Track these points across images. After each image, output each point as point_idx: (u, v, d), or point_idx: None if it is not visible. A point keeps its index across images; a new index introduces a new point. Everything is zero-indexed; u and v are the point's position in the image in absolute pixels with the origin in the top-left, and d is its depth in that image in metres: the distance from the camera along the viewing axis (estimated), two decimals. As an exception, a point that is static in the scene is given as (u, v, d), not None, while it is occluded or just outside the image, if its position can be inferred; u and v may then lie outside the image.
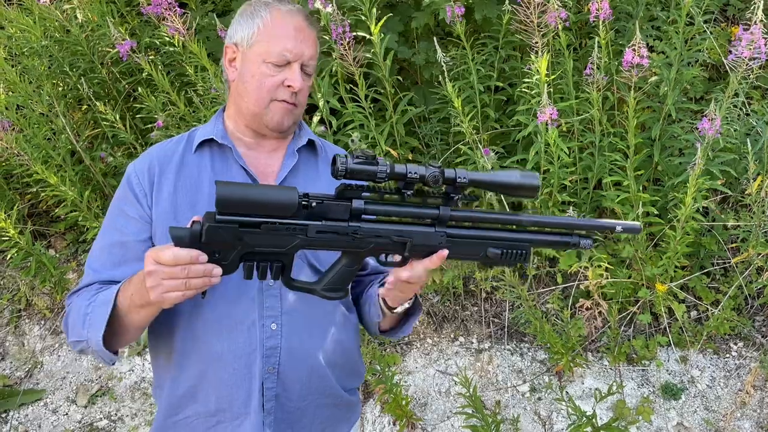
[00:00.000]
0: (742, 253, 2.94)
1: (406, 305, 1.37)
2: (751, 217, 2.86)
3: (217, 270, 1.10)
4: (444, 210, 1.19)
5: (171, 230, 1.08)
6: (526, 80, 2.62)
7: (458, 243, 1.22)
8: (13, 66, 3.52)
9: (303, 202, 1.14)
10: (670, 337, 3.00)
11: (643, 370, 3.01)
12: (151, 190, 1.38)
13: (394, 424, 2.95)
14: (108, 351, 1.25)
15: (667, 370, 2.99)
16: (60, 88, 3.60)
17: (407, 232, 1.20)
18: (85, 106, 3.71)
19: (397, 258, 1.25)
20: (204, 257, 1.09)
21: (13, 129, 3.30)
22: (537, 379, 3.05)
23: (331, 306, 1.44)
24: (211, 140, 1.43)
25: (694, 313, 3.18)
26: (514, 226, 1.26)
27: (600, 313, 2.93)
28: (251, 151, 1.46)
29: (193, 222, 1.11)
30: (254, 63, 1.39)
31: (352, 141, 2.63)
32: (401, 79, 3.16)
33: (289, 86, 1.38)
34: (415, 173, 1.13)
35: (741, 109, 2.86)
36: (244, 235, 1.11)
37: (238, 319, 1.34)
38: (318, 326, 1.42)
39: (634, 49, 2.33)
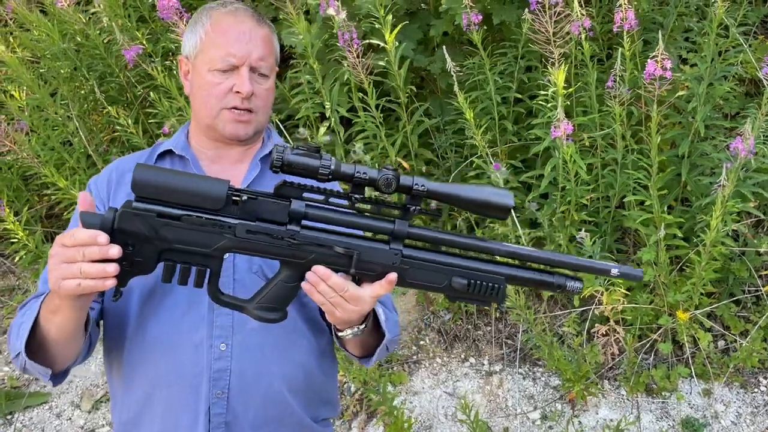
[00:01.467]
0: (775, 282, 2.74)
1: (355, 330, 1.22)
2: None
3: (114, 250, 0.95)
4: (400, 224, 1.04)
5: (82, 216, 0.98)
6: (543, 92, 2.48)
7: (416, 266, 1.06)
8: (35, 69, 3.55)
9: (233, 197, 1.01)
10: (692, 368, 2.81)
11: (662, 402, 2.82)
12: (108, 198, 1.33)
13: (396, 448, 2.84)
14: (38, 364, 1.17)
15: (689, 404, 2.81)
16: (80, 92, 3.62)
17: (354, 244, 1.05)
18: (105, 110, 3.72)
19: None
20: (104, 238, 0.95)
21: (32, 131, 3.33)
22: (549, 407, 2.90)
23: (291, 326, 1.30)
24: (172, 152, 1.38)
25: (721, 343, 2.98)
26: (485, 256, 1.10)
27: (618, 339, 2.77)
28: (214, 164, 1.39)
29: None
30: (201, 73, 1.32)
31: (355, 152, 2.54)
32: (416, 89, 3.06)
33: (237, 92, 1.30)
34: (364, 174, 0.99)
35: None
36: (161, 228, 0.98)
37: (185, 338, 1.26)
38: (275, 348, 1.31)
39: (656, 61, 2.18)
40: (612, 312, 2.62)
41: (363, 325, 1.23)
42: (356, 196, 1.02)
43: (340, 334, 1.24)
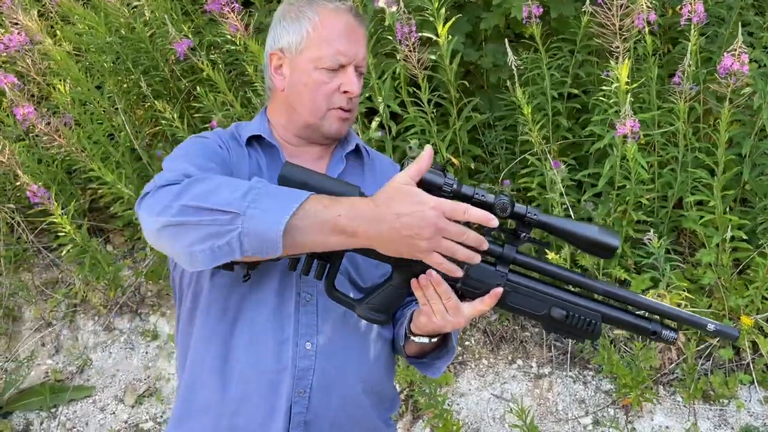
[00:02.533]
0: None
1: (425, 340, 1.23)
2: None
3: (485, 245, 1.02)
4: (509, 248, 1.09)
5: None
6: (604, 88, 2.40)
7: (519, 291, 1.11)
8: (78, 62, 3.54)
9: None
10: (753, 374, 2.71)
11: (721, 409, 2.73)
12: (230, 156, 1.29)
13: (443, 450, 2.78)
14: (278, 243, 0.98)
15: (749, 412, 2.71)
16: (124, 86, 3.60)
17: (473, 268, 1.09)
18: (148, 104, 3.71)
19: None
20: (495, 222, 1.00)
21: (77, 125, 3.32)
22: (601, 412, 2.82)
23: (368, 326, 1.31)
24: (260, 137, 1.34)
25: (782, 349, 2.88)
26: (582, 291, 1.13)
27: (676, 344, 2.67)
28: (295, 158, 1.34)
29: None
30: (306, 71, 1.28)
31: (410, 148, 2.48)
32: (467, 83, 2.98)
33: (345, 92, 1.27)
34: (483, 197, 1.03)
35: None
36: None
37: (269, 335, 1.22)
38: (356, 349, 1.29)
39: (733, 54, 2.08)
40: (672, 316, 2.52)
41: (437, 338, 1.26)
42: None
43: (414, 338, 1.25)
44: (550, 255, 2.57)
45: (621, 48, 2.24)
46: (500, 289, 1.09)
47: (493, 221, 0.98)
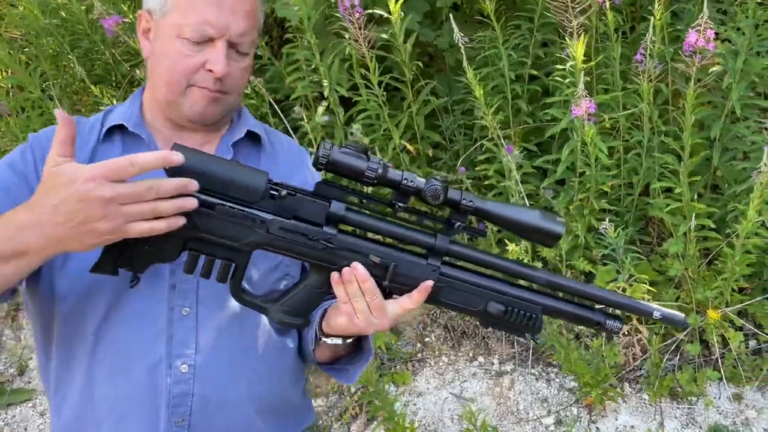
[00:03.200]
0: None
1: (339, 341, 1.08)
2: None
3: (193, 185, 0.87)
4: (441, 239, 0.99)
5: None
6: (558, 67, 2.23)
7: (453, 286, 1.01)
8: (19, 47, 3.35)
9: (271, 191, 0.96)
10: (722, 370, 2.57)
11: (689, 407, 2.59)
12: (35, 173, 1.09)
13: (397, 454, 2.63)
14: None
15: (718, 410, 2.57)
16: (67, 71, 3.40)
17: (392, 255, 0.99)
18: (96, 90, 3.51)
19: None
20: (177, 156, 0.86)
21: (13, 114, 3.13)
22: (564, 411, 2.68)
23: (265, 337, 1.13)
24: (123, 127, 1.14)
25: (752, 343, 2.74)
26: (524, 283, 1.05)
27: (640, 339, 2.53)
28: None
29: None
30: (167, 38, 1.08)
31: (352, 134, 2.31)
32: (423, 66, 2.81)
33: (210, 70, 1.07)
34: (412, 182, 0.94)
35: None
36: (193, 215, 0.91)
37: (139, 357, 1.05)
38: (247, 366, 1.12)
39: (698, 30, 1.92)
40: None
41: (351, 339, 1.11)
42: (400, 204, 0.96)
43: (326, 339, 1.10)
44: (510, 246, 2.41)
45: (574, 24, 2.08)
46: (430, 283, 0.99)
47: (175, 156, 0.84)
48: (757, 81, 2.77)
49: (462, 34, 2.19)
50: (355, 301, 0.98)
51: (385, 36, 2.62)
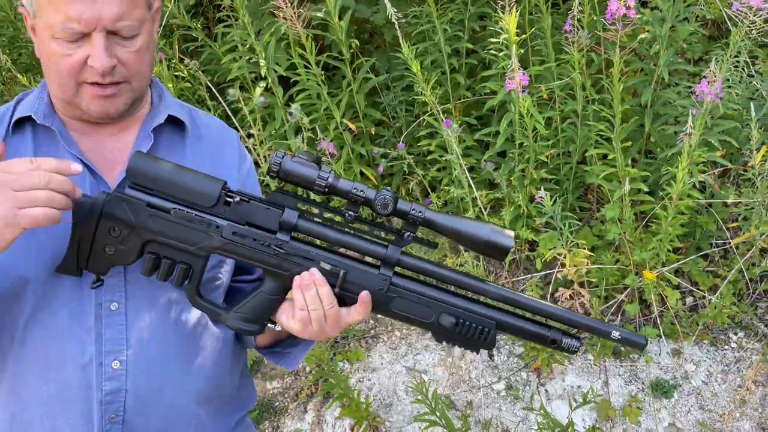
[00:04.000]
0: (744, 233, 2.61)
1: (279, 327, 1.08)
2: (754, 193, 2.53)
3: (76, 167, 0.92)
4: (393, 249, 1.00)
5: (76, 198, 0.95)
6: (493, 40, 2.26)
7: (404, 296, 1.02)
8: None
9: (226, 197, 1.00)
10: (661, 328, 2.69)
11: (631, 365, 2.70)
12: None
13: (353, 429, 2.66)
14: None
15: (658, 365, 2.69)
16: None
17: (343, 263, 1.01)
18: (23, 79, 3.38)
19: None
20: (77, 167, 0.92)
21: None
22: (514, 376, 2.75)
23: (200, 328, 1.12)
24: (32, 119, 1.08)
25: (689, 300, 2.87)
26: (478, 297, 1.04)
27: (582, 302, 2.62)
28: (88, 135, 1.11)
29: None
30: (44, 39, 1.01)
31: (290, 114, 2.29)
32: (362, 44, 2.80)
33: (93, 67, 1.00)
34: (361, 192, 0.96)
35: (743, 69, 2.51)
36: (149, 218, 0.97)
37: (69, 356, 1.03)
38: (180, 357, 1.10)
39: (619, -1, 1.97)
40: (576, 275, 2.46)
41: None
42: (351, 213, 0.98)
43: (271, 326, 1.09)
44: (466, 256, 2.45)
45: (507, -5, 2.10)
46: (368, 294, 1.00)
47: (73, 166, 0.90)
48: (686, 47, 2.86)
49: (395, 10, 2.19)
50: (313, 309, 0.99)
51: (320, 14, 2.61)
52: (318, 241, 1.03)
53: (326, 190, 0.95)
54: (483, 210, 2.65)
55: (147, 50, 1.07)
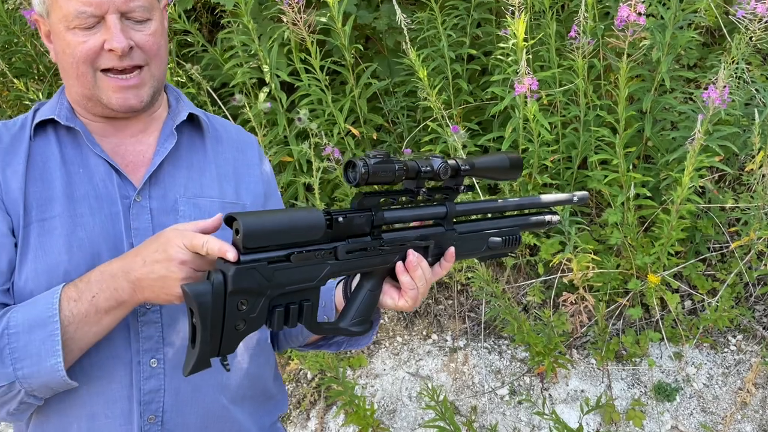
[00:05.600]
0: (743, 238, 2.65)
1: None
2: (752, 197, 2.57)
3: (231, 254, 0.87)
4: (450, 206, 1.10)
5: (183, 288, 0.84)
6: (502, 45, 2.27)
7: (465, 239, 1.14)
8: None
9: (327, 221, 0.97)
10: (663, 332, 2.71)
11: (633, 368, 2.72)
12: None
13: (358, 436, 2.65)
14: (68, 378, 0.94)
15: (660, 368, 2.71)
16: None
17: (427, 234, 1.09)
18: (14, 84, 3.32)
19: None
20: (233, 254, 0.86)
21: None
22: (517, 381, 2.76)
23: None
24: (55, 122, 1.08)
25: (688, 303, 2.90)
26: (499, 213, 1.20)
27: (586, 306, 2.63)
28: (109, 137, 1.12)
29: (209, 271, 0.88)
30: (60, 35, 1.04)
31: (299, 119, 2.28)
32: (363, 48, 2.80)
33: (110, 50, 1.02)
34: (428, 168, 1.03)
35: (742, 75, 2.55)
36: (274, 274, 0.90)
37: (105, 355, 1.02)
38: None
39: (630, 5, 1.99)
40: (581, 279, 2.47)
41: None
42: (422, 189, 1.04)
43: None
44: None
45: (516, 2, 2.11)
46: (453, 249, 1.09)
47: (230, 253, 0.85)
48: (682, 53, 2.90)
49: (405, 16, 2.19)
50: (421, 285, 1.03)
51: (323, 19, 2.60)
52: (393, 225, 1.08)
53: (404, 177, 1.00)
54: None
55: (162, 36, 1.10)
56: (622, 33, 2.10)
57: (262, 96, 2.48)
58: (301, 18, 2.41)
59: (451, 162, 1.06)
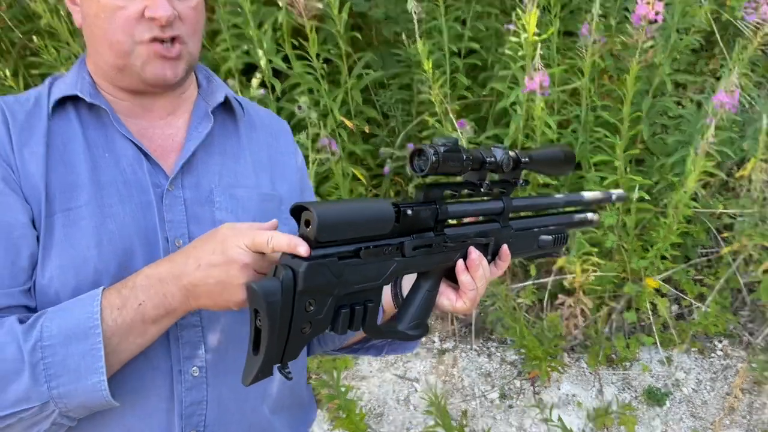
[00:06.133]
0: (734, 243, 2.66)
1: None
2: (752, 203, 2.57)
3: (302, 249, 0.75)
4: (507, 201, 1.01)
5: (251, 286, 0.73)
6: (514, 39, 2.20)
7: (518, 237, 1.05)
8: None
9: (396, 213, 0.86)
10: (656, 337, 2.69)
11: (624, 373, 2.70)
12: (13, 156, 0.89)
13: (346, 441, 2.54)
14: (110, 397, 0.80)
15: (650, 373, 2.70)
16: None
17: (486, 230, 1.00)
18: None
19: None
20: (304, 249, 0.74)
21: None
22: (507, 385, 2.70)
23: None
24: (76, 98, 0.95)
25: (674, 308, 2.90)
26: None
27: (582, 310, 2.59)
28: (136, 118, 0.99)
29: (275, 266, 0.76)
30: None
31: (299, 108, 2.16)
32: (359, 36, 2.68)
33: (152, 18, 0.90)
34: (492, 159, 0.94)
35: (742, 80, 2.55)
36: (345, 271, 0.79)
37: (150, 363, 0.89)
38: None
39: (648, 2, 1.94)
40: (580, 283, 2.42)
41: None
42: (486, 182, 0.95)
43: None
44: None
45: (530, -6, 2.04)
46: (507, 249, 1.01)
47: (301, 248, 0.74)
48: (678, 57, 2.90)
49: (416, 2, 2.09)
50: (481, 285, 0.94)
51: (319, 5, 2.48)
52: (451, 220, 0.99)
53: (470, 167, 0.90)
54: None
55: (202, 13, 0.99)
56: (637, 31, 2.05)
57: (255, 82, 2.34)
58: (300, 2, 2.28)
59: (511, 153, 0.98)
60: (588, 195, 1.15)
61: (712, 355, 2.77)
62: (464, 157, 0.88)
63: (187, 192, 0.96)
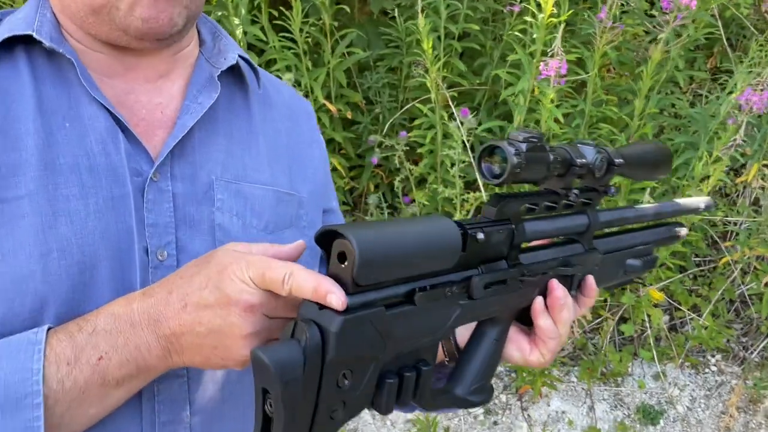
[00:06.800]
0: (734, 253, 2.51)
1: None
2: (758, 213, 2.43)
3: (336, 300, 0.50)
4: (593, 215, 0.77)
5: (258, 355, 0.47)
6: (528, 19, 1.97)
7: (605, 262, 0.81)
8: None
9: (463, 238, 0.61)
10: (654, 351, 2.53)
11: (616, 389, 2.52)
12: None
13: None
14: None
15: (643, 390, 2.53)
16: None
17: (570, 257, 0.75)
18: None
19: None
20: (338, 298, 0.49)
21: None
22: (493, 400, 2.49)
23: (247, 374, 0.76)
24: (31, 41, 0.66)
25: (665, 318, 2.74)
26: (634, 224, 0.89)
27: (578, 319, 2.40)
28: (115, 78, 0.70)
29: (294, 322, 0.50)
30: None
31: (289, 85, 1.88)
32: (347, 8, 2.41)
33: None
34: (583, 160, 0.70)
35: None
36: (392, 324, 0.54)
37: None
38: (239, 408, 0.73)
39: (681, -14, 1.75)
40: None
41: None
42: (573, 191, 0.72)
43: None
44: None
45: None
46: (592, 279, 0.77)
47: (334, 296, 0.49)
48: (683, 53, 2.74)
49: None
50: (564, 330, 0.71)
51: (304, -28, 2.20)
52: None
53: (556, 173, 0.67)
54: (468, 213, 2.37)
55: None
56: (669, 15, 1.85)
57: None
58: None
59: (600, 150, 0.74)
60: (683, 202, 0.92)
61: (706, 370, 2.63)
62: (551, 158, 0.65)
63: (178, 184, 0.68)
